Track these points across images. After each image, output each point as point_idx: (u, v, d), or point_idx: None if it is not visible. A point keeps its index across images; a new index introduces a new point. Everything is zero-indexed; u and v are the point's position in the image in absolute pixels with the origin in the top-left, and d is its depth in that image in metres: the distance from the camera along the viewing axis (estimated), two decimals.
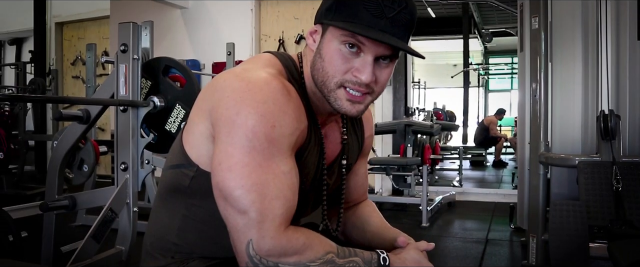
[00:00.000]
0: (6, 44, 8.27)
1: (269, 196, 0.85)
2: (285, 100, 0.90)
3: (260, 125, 0.86)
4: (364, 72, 0.92)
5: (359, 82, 0.93)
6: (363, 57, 0.92)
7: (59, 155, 2.19)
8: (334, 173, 1.13)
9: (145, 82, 2.11)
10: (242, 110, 0.86)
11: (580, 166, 2.38)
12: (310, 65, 0.99)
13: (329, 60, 0.94)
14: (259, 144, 0.86)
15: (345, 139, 1.13)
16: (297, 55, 1.06)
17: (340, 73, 0.93)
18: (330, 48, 0.94)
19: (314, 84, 0.99)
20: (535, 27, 2.77)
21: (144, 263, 1.06)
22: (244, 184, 0.85)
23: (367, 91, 0.95)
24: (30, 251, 2.46)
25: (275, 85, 0.90)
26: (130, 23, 2.04)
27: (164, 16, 5.74)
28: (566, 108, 2.87)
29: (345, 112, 0.96)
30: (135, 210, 2.08)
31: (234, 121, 0.86)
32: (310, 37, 0.99)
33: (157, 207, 1.08)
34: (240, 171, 0.85)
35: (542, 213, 2.71)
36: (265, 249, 0.85)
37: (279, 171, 0.87)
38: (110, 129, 6.21)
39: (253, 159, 0.86)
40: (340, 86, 0.94)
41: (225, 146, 0.87)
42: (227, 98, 0.88)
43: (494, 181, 7.10)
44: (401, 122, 4.78)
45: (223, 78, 0.93)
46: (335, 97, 0.95)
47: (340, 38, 0.92)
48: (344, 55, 0.93)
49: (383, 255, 0.97)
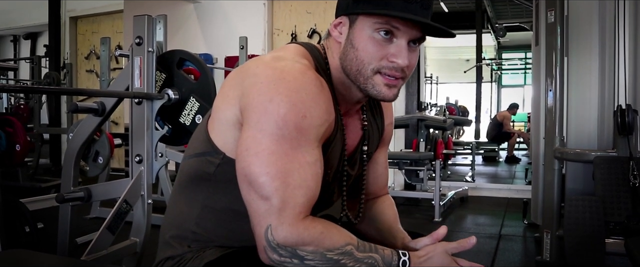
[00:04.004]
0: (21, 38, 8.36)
1: (292, 184, 0.86)
2: (317, 91, 0.90)
3: (291, 113, 0.86)
4: (400, 56, 0.94)
5: (395, 67, 0.95)
6: (397, 42, 0.94)
7: (74, 147, 2.20)
8: (356, 163, 1.13)
9: (159, 75, 2.12)
10: (275, 97, 0.87)
11: (596, 161, 2.35)
12: (340, 56, 1.00)
13: (363, 48, 0.95)
14: (288, 133, 0.86)
15: (366, 126, 1.13)
16: (320, 46, 1.07)
17: (376, 60, 0.95)
18: (363, 36, 0.95)
19: (342, 74, 1.00)
20: (551, 20, 2.74)
21: (161, 252, 1.07)
22: (270, 171, 0.85)
23: (402, 75, 0.97)
24: (46, 242, 2.49)
25: (309, 76, 0.91)
26: (145, 16, 2.05)
27: (177, 11, 5.76)
28: (582, 103, 2.83)
29: (384, 97, 0.98)
30: (149, 202, 2.09)
31: (266, 108, 0.87)
32: (335, 30, 1.01)
33: (176, 196, 1.09)
34: (267, 158, 0.86)
35: (557, 209, 2.68)
36: (283, 236, 0.85)
37: (305, 161, 0.88)
38: (124, 123, 6.25)
39: (280, 147, 0.86)
40: (376, 72, 0.96)
41: (254, 131, 0.87)
42: (260, 84, 0.89)
43: (507, 176, 7.05)
44: (414, 117, 4.77)
45: (255, 65, 0.93)
46: (372, 83, 0.97)
47: (373, 26, 0.94)
48: (378, 42, 0.94)
49: (404, 258, 0.95)
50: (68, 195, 2.10)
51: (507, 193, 5.07)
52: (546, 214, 2.77)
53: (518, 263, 2.92)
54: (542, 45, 2.94)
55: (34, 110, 5.21)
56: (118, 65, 6.49)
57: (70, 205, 2.16)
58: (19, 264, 1.23)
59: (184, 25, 5.81)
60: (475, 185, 5.33)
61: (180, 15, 5.79)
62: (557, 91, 2.70)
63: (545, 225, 2.74)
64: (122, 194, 2.01)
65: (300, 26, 5.49)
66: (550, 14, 2.74)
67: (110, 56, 4.38)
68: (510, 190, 5.16)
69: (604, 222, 2.20)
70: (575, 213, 2.24)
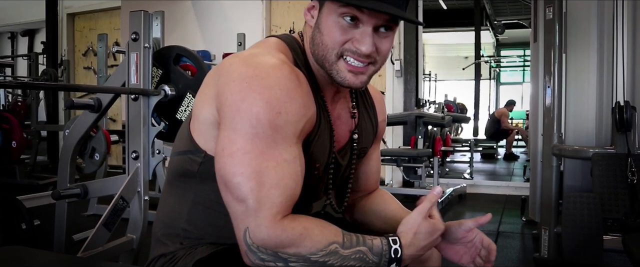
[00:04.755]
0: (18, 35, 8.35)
1: (268, 184, 0.84)
2: (293, 86, 0.88)
3: (265, 111, 0.84)
4: (364, 42, 0.91)
5: (359, 53, 0.92)
6: (362, 28, 0.92)
7: (70, 143, 2.19)
8: (347, 153, 1.11)
9: (156, 71, 2.11)
10: (247, 96, 0.85)
11: (594, 158, 2.35)
12: (310, 41, 0.98)
13: (327, 33, 0.93)
14: (263, 131, 0.84)
15: (354, 114, 1.10)
16: (298, 34, 1.05)
17: (339, 44, 0.93)
18: (329, 21, 0.93)
19: (315, 60, 0.98)
20: (549, 17, 2.73)
21: (154, 250, 1.06)
22: (244, 171, 0.83)
23: (369, 61, 0.94)
24: (43, 239, 2.48)
25: (284, 71, 0.88)
26: (141, 11, 2.04)
27: (175, 7, 5.74)
28: (580, 99, 2.83)
29: (349, 84, 0.95)
30: (146, 199, 2.08)
31: (239, 107, 0.85)
32: (308, 13, 0.99)
33: (166, 193, 1.08)
34: (241, 158, 0.84)
35: (555, 205, 2.68)
36: (261, 238, 0.83)
37: (282, 159, 0.86)
38: (121, 120, 6.24)
39: (255, 146, 0.84)
40: (340, 57, 0.93)
41: (228, 132, 0.86)
42: (232, 83, 0.87)
43: (505, 173, 7.05)
44: (412, 114, 4.76)
45: (229, 62, 0.91)
46: (337, 69, 0.94)
47: (337, 11, 0.92)
48: (343, 27, 0.92)
49: (395, 246, 0.91)
50: (64, 192, 2.09)
51: (505, 190, 5.07)
52: (544, 211, 2.77)
53: (516, 260, 2.92)
54: (541, 42, 2.93)
55: (32, 108, 5.19)
56: (115, 62, 6.48)
57: (67, 202, 2.15)
58: (15, 261, 1.22)
59: (182, 22, 5.80)
60: (473, 182, 5.33)
61: (178, 12, 5.77)
62: (556, 88, 2.70)
63: (543, 222, 2.74)
64: (119, 190, 2.01)
65: (298, 23, 5.48)
66: (549, 10, 2.73)
67: (108, 53, 4.36)
68: (509, 187, 5.16)
69: (601, 218, 2.19)
70: (573, 210, 2.23)
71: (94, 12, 6.99)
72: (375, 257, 0.89)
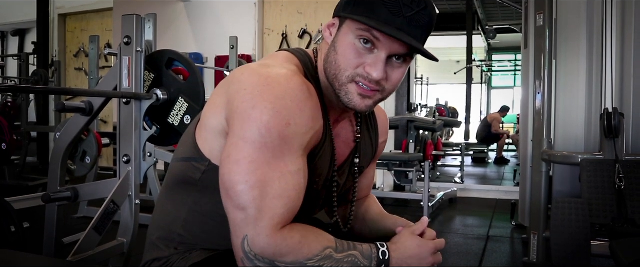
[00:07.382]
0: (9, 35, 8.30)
1: (271, 194, 0.84)
2: (303, 98, 0.88)
3: (274, 121, 0.84)
4: (376, 68, 0.91)
5: (369, 78, 0.92)
6: (376, 53, 0.92)
7: (61, 146, 2.18)
8: (345, 173, 1.12)
9: (148, 75, 2.11)
10: (258, 104, 0.85)
11: (583, 164, 2.37)
12: (324, 58, 0.98)
13: (342, 53, 0.93)
14: (271, 141, 0.84)
15: (359, 138, 1.11)
16: (312, 51, 1.05)
17: (352, 67, 0.93)
18: (345, 42, 0.93)
19: (326, 78, 0.98)
20: (540, 24, 2.76)
21: (148, 254, 1.06)
22: (248, 179, 0.84)
23: (377, 89, 0.94)
24: (32, 242, 2.47)
25: (295, 82, 0.89)
26: (134, 15, 2.03)
27: (168, 9, 5.73)
28: (570, 105, 2.86)
29: (354, 106, 0.95)
30: (137, 202, 2.08)
31: (249, 115, 0.85)
32: (327, 30, 0.99)
33: (164, 198, 1.08)
34: (247, 166, 0.84)
35: (544, 210, 2.70)
36: (260, 247, 0.83)
37: (287, 170, 0.86)
38: (112, 122, 6.21)
39: (262, 155, 0.84)
40: (351, 81, 0.93)
41: (236, 139, 0.86)
42: (244, 91, 0.87)
43: (495, 177, 7.09)
44: (404, 118, 4.78)
45: (240, 72, 0.92)
46: (346, 91, 0.94)
47: (356, 32, 0.92)
48: (358, 50, 0.92)
49: (382, 249, 0.94)
50: (55, 195, 2.08)
51: (496, 195, 5.10)
52: (533, 216, 2.79)
53: (505, 264, 2.94)
54: (531, 48, 2.96)
55: (22, 108, 5.16)
56: (107, 64, 6.46)
57: (57, 205, 2.14)
58: (3, 264, 1.21)
59: (174, 24, 5.79)
60: (464, 186, 5.35)
61: (170, 14, 5.76)
62: (546, 94, 2.73)
63: (533, 227, 2.76)
64: (110, 194, 2.00)
65: (291, 26, 5.48)
66: (539, 17, 2.76)
67: (99, 54, 4.34)
68: (499, 191, 5.19)
69: (589, 224, 2.22)
70: (561, 215, 2.26)
71: (86, 13, 6.96)
72: (366, 261, 0.92)
